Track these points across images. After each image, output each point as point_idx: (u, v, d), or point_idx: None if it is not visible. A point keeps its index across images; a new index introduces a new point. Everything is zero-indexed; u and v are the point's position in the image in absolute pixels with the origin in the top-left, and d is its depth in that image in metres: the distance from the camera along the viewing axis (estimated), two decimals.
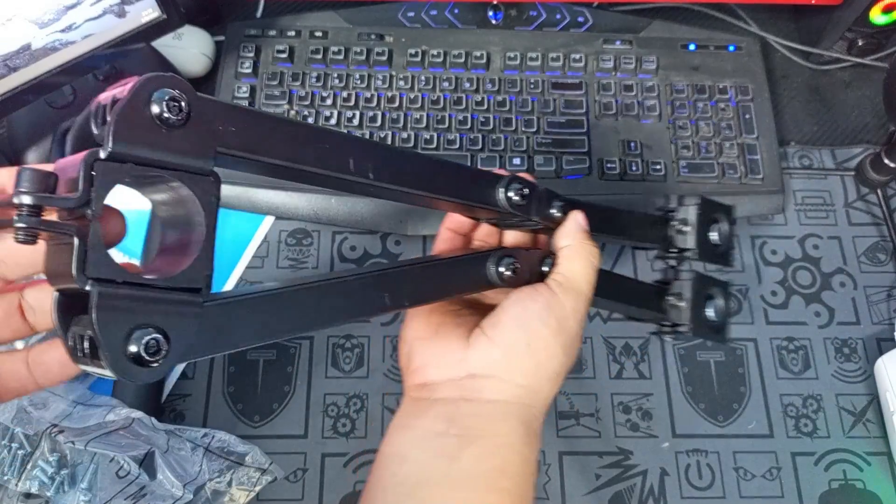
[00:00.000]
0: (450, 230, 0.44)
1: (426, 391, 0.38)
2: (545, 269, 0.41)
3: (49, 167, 0.25)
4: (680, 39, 0.70)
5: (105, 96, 0.25)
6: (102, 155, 0.24)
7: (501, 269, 0.39)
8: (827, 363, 0.60)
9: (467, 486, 0.34)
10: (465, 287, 0.39)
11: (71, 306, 0.26)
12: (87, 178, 0.24)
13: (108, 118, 0.24)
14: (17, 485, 0.51)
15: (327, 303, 0.32)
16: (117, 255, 0.50)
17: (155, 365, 0.24)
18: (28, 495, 0.52)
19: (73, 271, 0.24)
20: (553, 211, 0.41)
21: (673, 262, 0.50)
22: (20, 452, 0.52)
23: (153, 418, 0.51)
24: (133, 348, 0.24)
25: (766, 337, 0.61)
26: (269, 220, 0.64)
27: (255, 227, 0.63)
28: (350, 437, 0.56)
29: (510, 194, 0.39)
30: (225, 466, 0.52)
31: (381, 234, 0.64)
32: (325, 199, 0.62)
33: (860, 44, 0.71)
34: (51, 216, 0.24)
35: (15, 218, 0.23)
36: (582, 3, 0.71)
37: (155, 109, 0.25)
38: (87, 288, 0.24)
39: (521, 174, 0.41)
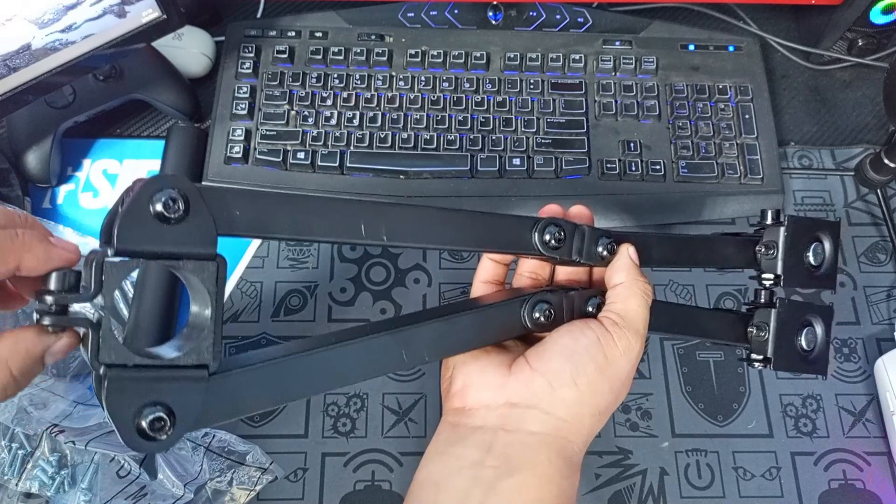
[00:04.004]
0: (484, 282, 0.43)
1: (465, 416, 0.37)
2: (591, 308, 0.40)
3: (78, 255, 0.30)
4: (679, 40, 0.70)
5: (129, 187, 0.28)
6: (110, 253, 0.27)
7: (536, 315, 0.38)
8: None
9: None
10: (493, 336, 0.38)
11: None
12: (98, 279, 0.27)
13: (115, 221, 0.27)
14: (17, 485, 0.51)
15: (339, 365, 0.33)
16: None
17: (163, 438, 0.27)
18: (28, 495, 0.52)
19: (88, 358, 0.27)
20: (600, 249, 0.40)
21: (767, 284, 0.45)
22: (20, 452, 0.52)
23: None
24: (142, 424, 0.27)
25: None
26: None
27: None
28: (350, 436, 0.56)
29: (545, 238, 0.38)
30: (225, 466, 0.52)
31: None
32: None
33: (860, 44, 0.71)
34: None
35: (44, 313, 0.28)
36: (581, 4, 0.71)
37: (155, 209, 0.27)
38: (101, 372, 0.27)
39: (564, 215, 0.40)
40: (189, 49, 0.68)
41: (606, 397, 0.37)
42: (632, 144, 0.65)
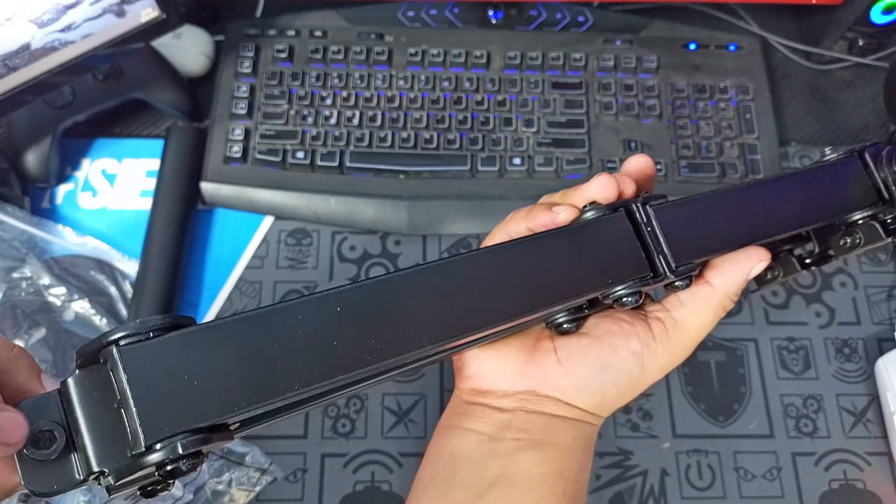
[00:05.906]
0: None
1: (481, 397, 0.36)
2: (627, 299, 0.34)
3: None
4: (680, 39, 0.70)
5: None
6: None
7: (561, 322, 0.35)
8: (827, 363, 0.60)
9: (525, 486, 0.33)
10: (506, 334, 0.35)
11: None
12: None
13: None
14: None
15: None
16: None
17: None
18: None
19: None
20: (678, 284, 0.34)
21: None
22: None
23: None
24: None
25: (767, 337, 0.61)
26: (268, 220, 0.64)
27: (254, 227, 0.63)
28: (350, 437, 0.56)
29: (624, 299, 0.33)
30: (225, 466, 0.52)
31: (380, 234, 0.63)
32: (325, 199, 0.62)
33: (861, 44, 0.71)
34: None
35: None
36: (582, 3, 0.71)
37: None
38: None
39: (618, 189, 0.34)
40: (188, 48, 0.68)
41: (629, 397, 0.36)
42: (632, 144, 0.65)
